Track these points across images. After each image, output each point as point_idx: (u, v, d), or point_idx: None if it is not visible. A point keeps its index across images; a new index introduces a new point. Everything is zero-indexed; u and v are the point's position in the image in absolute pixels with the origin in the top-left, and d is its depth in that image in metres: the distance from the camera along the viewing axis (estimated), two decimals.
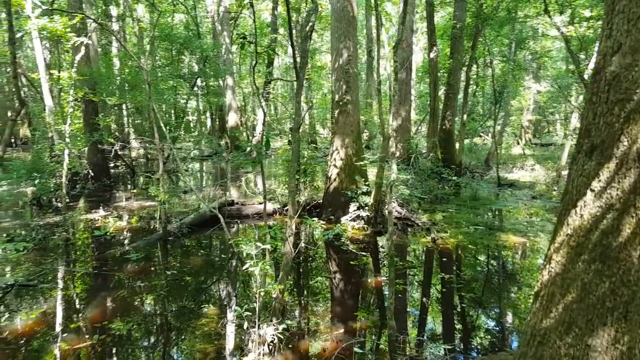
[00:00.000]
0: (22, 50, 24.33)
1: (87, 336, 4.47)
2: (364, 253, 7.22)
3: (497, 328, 4.89)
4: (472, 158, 18.10)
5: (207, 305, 5.28)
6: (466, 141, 18.33)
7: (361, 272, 6.47)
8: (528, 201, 11.45)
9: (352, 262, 6.78)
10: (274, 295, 4.31)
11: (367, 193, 8.86)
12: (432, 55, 14.36)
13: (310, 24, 4.92)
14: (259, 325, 4.17)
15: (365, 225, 8.53)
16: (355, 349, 4.16)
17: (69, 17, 8.90)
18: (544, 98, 24.83)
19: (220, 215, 5.75)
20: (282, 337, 4.19)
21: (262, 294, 4.22)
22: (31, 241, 7.53)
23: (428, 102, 16.56)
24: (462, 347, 4.42)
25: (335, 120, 9.35)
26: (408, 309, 5.32)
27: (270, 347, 4.09)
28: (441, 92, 16.35)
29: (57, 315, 5.02)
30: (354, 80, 9.28)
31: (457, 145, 15.28)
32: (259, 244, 3.99)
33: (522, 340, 2.42)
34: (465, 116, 15.25)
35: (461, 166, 14.70)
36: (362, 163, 8.98)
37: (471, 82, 17.06)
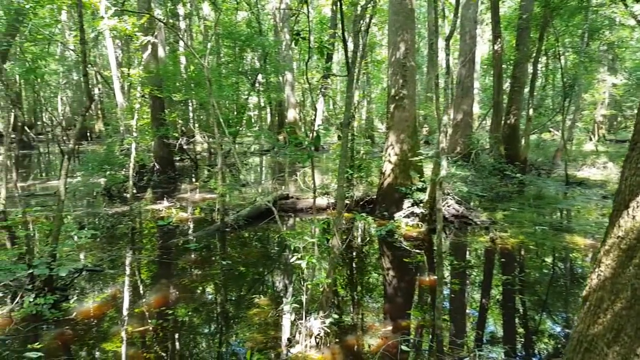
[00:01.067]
0: (98, 50, 25.98)
1: (148, 320, 4.74)
2: (418, 251, 7.09)
3: (560, 333, 4.64)
4: (539, 155, 17.20)
5: (259, 296, 5.42)
6: (533, 137, 17.47)
7: (414, 270, 6.36)
8: (599, 201, 10.73)
9: (405, 260, 6.69)
10: (322, 289, 4.35)
11: (423, 189, 8.68)
12: (496, 47, 13.78)
13: (364, 18, 4.88)
14: (306, 318, 4.23)
15: (420, 223, 8.37)
16: (402, 347, 4.11)
17: (137, 17, 9.40)
18: (620, 91, 23.06)
19: (274, 209, 5.87)
20: (329, 330, 4.22)
21: (309, 287, 4.27)
22: (100, 229, 8.08)
23: (492, 96, 15.90)
24: (520, 351, 4.24)
25: (390, 115, 9.23)
26: (463, 310, 5.19)
27: (318, 339, 4.13)
28: (506, 85, 15.66)
29: (121, 299, 5.36)
30: (411, 74, 9.11)
31: (522, 141, 14.58)
32: (306, 237, 4.04)
33: (568, 346, 2.29)
34: (531, 110, 14.51)
35: (526, 163, 14.03)
36: (417, 159, 8.81)
37: (539, 75, 16.19)
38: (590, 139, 23.66)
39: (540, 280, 6.08)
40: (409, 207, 8.65)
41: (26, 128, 22.13)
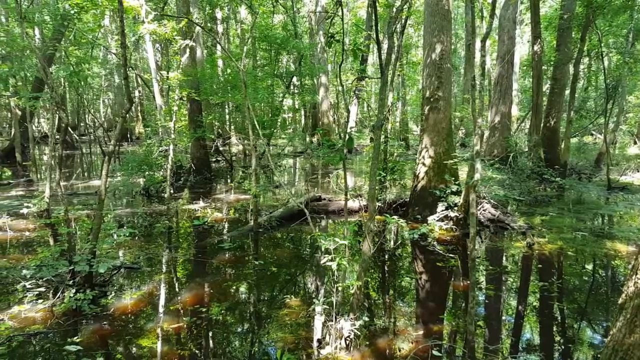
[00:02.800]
0: (139, 53, 26.82)
1: (183, 318, 4.85)
2: (451, 255, 6.97)
3: (600, 343, 4.45)
4: (580, 158, 16.60)
5: (290, 296, 5.46)
6: (574, 140, 16.88)
7: (448, 275, 6.26)
8: None
9: (438, 264, 6.59)
10: (352, 291, 4.34)
11: (457, 193, 8.53)
12: (535, 48, 13.40)
13: (399, 20, 4.85)
14: (337, 320, 4.23)
15: (454, 226, 8.23)
16: (434, 352, 4.04)
17: (175, 21, 9.66)
18: None
19: (306, 210, 5.91)
20: (359, 332, 4.20)
21: (340, 288, 4.27)
22: (138, 228, 8.32)
23: (532, 98, 15.47)
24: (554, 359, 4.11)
25: (425, 117, 9.12)
26: (498, 316, 5.06)
27: (348, 341, 4.12)
28: (546, 87, 15.20)
29: (157, 296, 5.50)
30: (446, 75, 8.98)
31: (562, 144, 14.11)
32: (337, 239, 4.04)
33: (603, 354, 2.19)
34: (572, 113, 14.03)
35: (566, 167, 13.56)
36: (452, 161, 8.67)
37: (581, 76, 15.62)
38: (635, 142, 22.66)
39: (579, 287, 5.86)
40: (442, 210, 8.51)
41: (70, 129, 23.10)
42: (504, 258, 7.15)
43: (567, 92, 14.20)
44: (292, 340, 4.34)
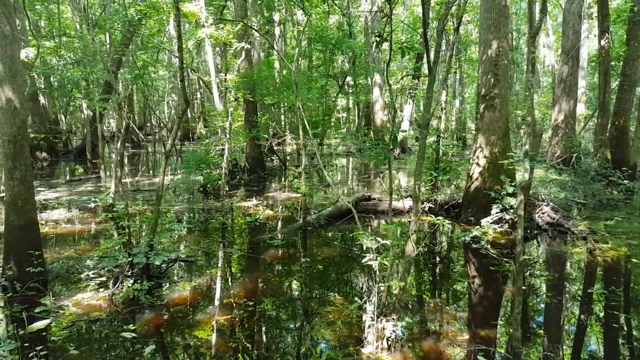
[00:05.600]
0: (200, 56, 27.85)
1: (234, 310, 5.01)
2: (506, 259, 6.72)
3: None
4: None
5: (334, 294, 5.50)
6: None
7: (501, 279, 6.05)
8: None
9: (491, 268, 6.39)
10: (395, 292, 4.31)
11: (513, 194, 8.20)
12: (602, 42, 12.61)
13: (453, 17, 4.76)
14: (379, 319, 4.21)
15: (510, 229, 7.93)
16: (479, 358, 3.93)
17: (232, 24, 9.97)
18: None
19: (354, 210, 5.92)
20: (402, 334, 4.17)
21: (383, 288, 4.25)
22: (195, 223, 8.68)
23: (598, 96, 14.57)
24: None
25: (480, 115, 8.86)
26: (555, 324, 4.85)
27: (389, 342, 4.10)
28: (615, 84, 14.25)
29: (210, 288, 5.73)
30: (503, 73, 8.67)
31: (632, 144, 13.17)
32: (378, 238, 4.03)
33: None
34: None
35: (635, 168, 12.64)
36: (508, 162, 8.35)
37: None
38: None
39: None
40: (497, 212, 8.22)
41: (136, 129, 24.43)
42: (563, 263, 6.81)
43: (639, 89, 13.25)
44: (334, 337, 4.38)
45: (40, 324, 4.46)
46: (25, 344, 4.03)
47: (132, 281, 5.34)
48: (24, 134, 5.56)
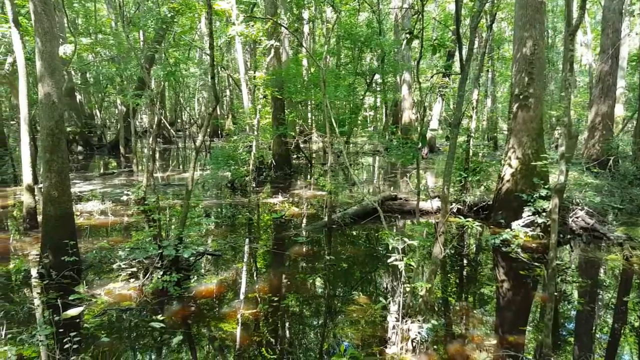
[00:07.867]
0: (230, 54, 28.15)
1: (259, 305, 5.05)
2: (537, 264, 6.54)
3: None
4: None
5: (358, 293, 5.48)
6: None
7: (532, 284, 5.89)
8: None
9: (521, 272, 6.23)
10: (421, 293, 4.26)
11: (546, 197, 7.98)
12: None
13: (487, 14, 4.66)
14: (404, 321, 4.17)
15: (542, 233, 7.72)
16: None
17: (262, 22, 10.04)
18: None
19: (379, 209, 5.87)
20: (427, 336, 4.12)
21: (407, 289, 4.21)
22: (222, 218, 8.80)
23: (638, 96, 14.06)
24: None
25: (513, 115, 8.65)
26: (586, 332, 4.70)
27: (414, 344, 4.05)
28: None
29: (236, 282, 5.80)
30: (538, 71, 8.44)
31: None
32: (405, 238, 3.98)
33: None
34: None
35: None
36: (542, 163, 8.12)
37: None
38: None
39: None
40: (529, 215, 8.02)
41: (167, 125, 24.91)
42: (597, 270, 6.59)
43: None
44: (358, 336, 4.36)
45: (74, 311, 4.62)
46: (60, 330, 4.17)
47: (161, 273, 5.45)
48: (62, 127, 5.74)
